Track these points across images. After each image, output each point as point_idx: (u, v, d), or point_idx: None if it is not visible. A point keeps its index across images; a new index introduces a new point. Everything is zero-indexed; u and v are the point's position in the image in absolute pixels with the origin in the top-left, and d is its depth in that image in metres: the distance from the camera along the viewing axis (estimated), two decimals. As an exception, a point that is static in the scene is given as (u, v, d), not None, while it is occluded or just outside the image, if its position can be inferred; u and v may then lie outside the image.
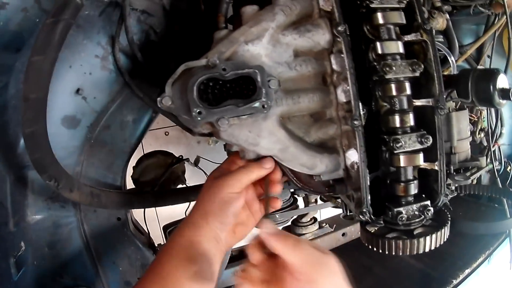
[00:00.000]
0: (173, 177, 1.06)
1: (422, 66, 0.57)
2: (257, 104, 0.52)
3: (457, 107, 0.77)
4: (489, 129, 1.01)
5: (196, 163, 1.16)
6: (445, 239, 0.62)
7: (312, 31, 0.58)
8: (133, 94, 0.80)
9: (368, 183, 0.57)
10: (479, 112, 1.00)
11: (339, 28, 0.55)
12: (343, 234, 1.44)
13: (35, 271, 0.82)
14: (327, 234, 1.40)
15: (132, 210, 0.99)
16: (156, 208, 1.28)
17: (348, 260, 1.12)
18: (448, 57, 0.80)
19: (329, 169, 0.61)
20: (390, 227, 0.62)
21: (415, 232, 0.61)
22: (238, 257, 1.23)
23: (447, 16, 0.80)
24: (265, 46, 0.57)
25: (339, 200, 0.88)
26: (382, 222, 0.62)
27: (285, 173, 0.66)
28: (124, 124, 0.85)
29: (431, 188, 0.63)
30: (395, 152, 0.57)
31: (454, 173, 0.76)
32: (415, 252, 0.59)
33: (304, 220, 1.31)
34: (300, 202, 1.24)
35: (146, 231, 1.03)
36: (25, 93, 0.58)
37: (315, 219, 1.32)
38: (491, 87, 0.65)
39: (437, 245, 0.61)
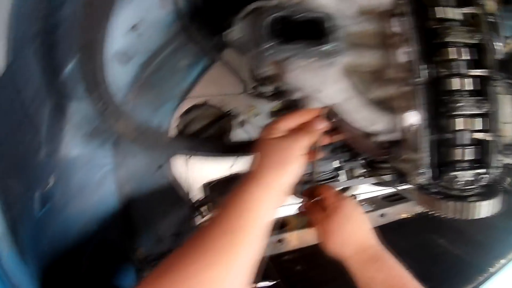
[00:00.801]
0: (221, 132, 1.02)
1: (480, 34, 0.57)
2: (326, 48, 0.53)
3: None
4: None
5: (242, 125, 1.13)
6: (498, 209, 0.61)
7: (377, -9, 0.58)
8: (190, 39, 0.76)
9: (428, 143, 0.57)
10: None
11: (404, -9, 0.55)
12: (382, 215, 1.41)
13: (60, 212, 0.75)
14: (367, 212, 1.38)
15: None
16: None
17: (385, 242, 1.11)
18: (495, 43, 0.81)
19: (386, 128, 0.61)
20: (444, 192, 0.61)
21: (469, 199, 0.61)
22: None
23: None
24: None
25: (383, 177, 0.90)
26: (438, 186, 0.61)
27: (342, 132, 0.68)
28: (177, 68, 0.80)
29: (482, 160, 0.61)
30: (454, 113, 0.57)
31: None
32: (469, 217, 0.59)
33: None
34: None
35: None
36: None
37: (355, 196, 1.30)
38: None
39: (491, 213, 0.61)
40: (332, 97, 0.58)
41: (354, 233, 0.68)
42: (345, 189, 1.23)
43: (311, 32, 0.55)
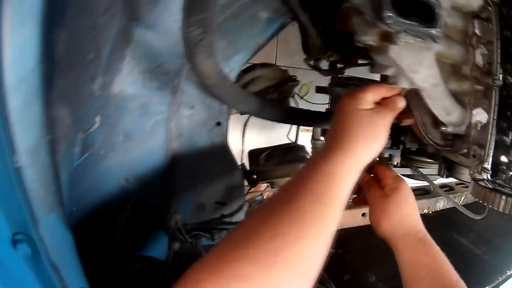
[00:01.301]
0: (282, 96, 0.92)
1: None
2: (434, 32, 0.53)
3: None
4: None
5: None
6: None
7: (469, -8, 0.60)
8: None
9: (494, 141, 0.59)
10: None
11: (494, -3, 0.58)
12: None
13: (99, 163, 0.63)
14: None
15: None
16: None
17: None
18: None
19: (458, 121, 0.63)
20: (498, 189, 0.64)
21: None
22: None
23: None
24: None
25: (420, 169, 0.92)
26: (494, 182, 0.63)
27: (412, 116, 0.67)
28: (256, 19, 0.70)
29: None
30: None
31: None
32: None
33: None
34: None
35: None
36: None
37: None
38: None
39: None
40: (424, 80, 0.58)
41: (409, 216, 0.69)
42: None
43: (420, 13, 0.54)
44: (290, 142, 1.04)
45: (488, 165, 0.61)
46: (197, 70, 0.55)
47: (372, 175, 0.73)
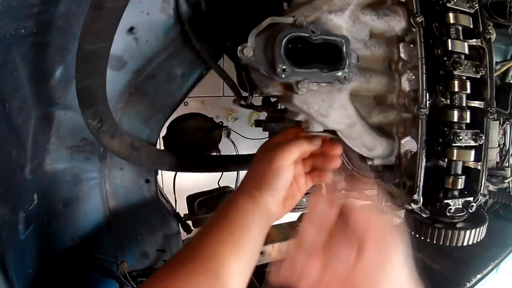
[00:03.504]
0: (211, 143, 0.99)
1: (483, 69, 0.60)
2: (339, 74, 0.52)
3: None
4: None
5: (228, 135, 1.10)
6: (482, 237, 0.65)
7: (390, 16, 0.59)
8: (186, 46, 0.74)
9: (423, 172, 0.58)
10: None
11: (417, 19, 0.57)
12: None
13: (45, 230, 0.72)
14: None
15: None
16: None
17: None
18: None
19: (384, 153, 0.62)
20: (434, 218, 0.64)
21: (457, 225, 0.64)
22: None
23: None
24: (346, 20, 0.57)
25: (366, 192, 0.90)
26: (428, 212, 0.63)
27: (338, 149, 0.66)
28: (171, 76, 0.76)
29: (471, 187, 0.65)
30: (452, 145, 0.59)
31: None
32: (457, 244, 0.62)
33: None
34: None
35: (173, 200, 0.95)
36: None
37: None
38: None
39: (477, 240, 0.64)
40: (337, 122, 0.58)
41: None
42: None
43: (325, 55, 0.54)
44: (222, 186, 1.10)
45: (418, 196, 0.59)
46: (109, 150, 0.63)
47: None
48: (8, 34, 0.53)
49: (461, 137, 0.58)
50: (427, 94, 0.57)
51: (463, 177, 0.61)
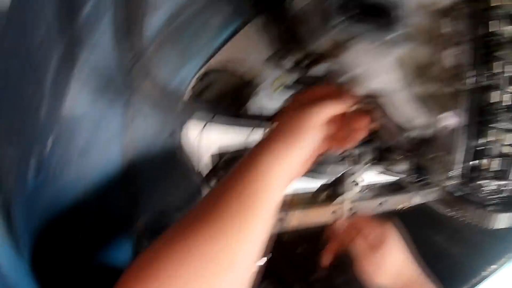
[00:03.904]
0: (240, 101, 0.91)
1: None
2: (392, 36, 0.51)
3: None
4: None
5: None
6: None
7: (440, -13, 0.55)
8: None
9: (465, 148, 0.57)
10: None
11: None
12: (380, 204, 1.37)
13: (57, 181, 0.62)
14: (365, 200, 1.33)
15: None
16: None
17: None
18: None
19: (422, 125, 0.61)
20: (467, 198, 0.62)
21: (489, 208, 0.62)
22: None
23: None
24: None
25: (392, 167, 0.90)
26: (462, 190, 0.61)
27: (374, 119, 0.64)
28: (208, 25, 0.68)
29: (504, 172, 0.61)
30: (492, 125, 0.56)
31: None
32: (488, 225, 0.61)
33: (348, 180, 1.12)
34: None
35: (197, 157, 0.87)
36: None
37: (357, 182, 1.28)
38: None
39: (506, 225, 0.62)
40: (382, 86, 0.56)
41: (403, 266, 0.67)
42: (349, 174, 1.22)
43: (378, 17, 0.52)
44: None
45: (455, 173, 0.57)
46: (139, 91, 0.56)
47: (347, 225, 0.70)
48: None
49: (500, 119, 0.56)
50: (471, 71, 0.54)
51: (499, 160, 0.59)
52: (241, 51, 0.83)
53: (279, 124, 0.53)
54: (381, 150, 0.98)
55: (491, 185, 0.60)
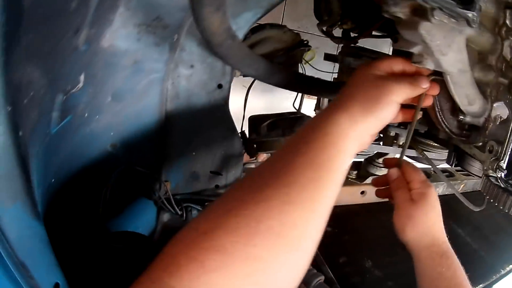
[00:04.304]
0: (292, 61, 0.82)
1: None
2: (470, 15, 0.49)
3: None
4: None
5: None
6: None
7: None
8: None
9: None
10: None
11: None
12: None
13: (82, 127, 0.54)
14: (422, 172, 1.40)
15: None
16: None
17: None
18: None
19: (478, 112, 0.61)
20: (509, 188, 0.64)
21: None
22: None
23: None
24: None
25: (425, 153, 0.90)
26: (506, 182, 0.63)
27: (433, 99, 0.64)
28: None
29: None
30: None
31: None
32: None
33: (380, 160, 1.20)
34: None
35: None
36: None
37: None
38: None
39: None
40: (451, 64, 0.54)
41: (434, 225, 0.67)
42: (381, 155, 1.17)
43: None
44: (295, 111, 0.96)
45: (504, 164, 0.59)
46: (201, 25, 0.46)
47: (400, 174, 0.69)
48: None
49: None
50: None
51: None
52: (299, 10, 0.74)
53: (353, 89, 0.50)
54: (417, 133, 0.96)
55: None
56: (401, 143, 1.00)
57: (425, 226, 0.65)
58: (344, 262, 1.02)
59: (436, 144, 0.96)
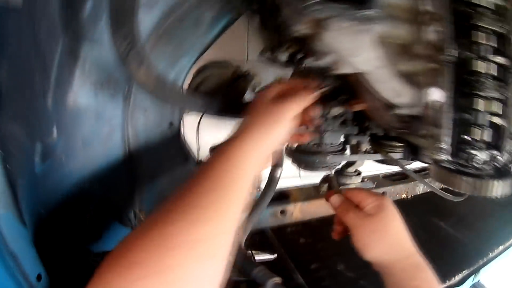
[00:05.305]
0: (236, 92, 0.95)
1: (507, 26, 0.58)
2: (368, 13, 0.53)
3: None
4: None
5: (253, 88, 1.04)
6: (509, 192, 0.62)
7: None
8: None
9: (451, 120, 0.59)
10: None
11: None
12: (383, 193, 1.45)
13: (61, 168, 0.68)
14: (369, 189, 1.39)
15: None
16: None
17: None
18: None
19: (411, 102, 0.63)
20: (459, 169, 0.63)
21: (484, 177, 0.62)
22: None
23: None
24: None
25: (390, 154, 0.91)
26: (456, 163, 0.62)
27: (364, 100, 0.70)
28: (200, 21, 0.75)
29: (496, 143, 0.62)
30: (479, 94, 0.58)
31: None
32: (485, 194, 0.61)
33: (349, 170, 1.23)
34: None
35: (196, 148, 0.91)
36: None
37: (359, 172, 1.26)
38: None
39: (503, 194, 0.62)
40: (365, 63, 0.59)
41: (400, 234, 0.65)
42: (349, 164, 1.23)
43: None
44: None
45: (445, 145, 0.59)
46: (134, 79, 0.60)
47: (345, 200, 0.70)
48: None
49: (487, 87, 0.58)
50: (452, 43, 0.57)
51: (490, 129, 0.60)
52: (235, 45, 0.88)
53: (253, 115, 0.58)
54: (378, 137, 0.99)
55: (483, 155, 0.60)
56: (364, 149, 1.04)
57: (391, 237, 0.63)
58: (317, 267, 1.06)
59: (399, 144, 0.96)
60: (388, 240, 0.62)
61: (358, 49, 0.56)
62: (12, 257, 0.50)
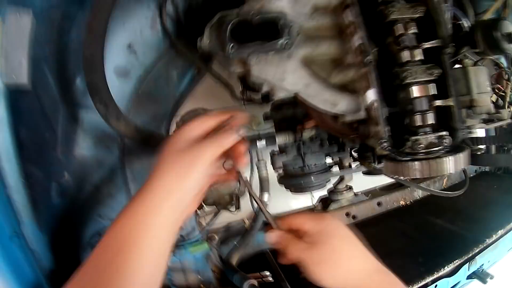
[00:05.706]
0: None
1: (424, 8, 0.62)
2: (280, 42, 0.60)
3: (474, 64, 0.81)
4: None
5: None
6: (466, 164, 0.65)
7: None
8: (178, 53, 0.88)
9: (385, 115, 0.62)
10: (507, 84, 0.96)
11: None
12: (379, 204, 1.45)
13: (75, 202, 0.87)
14: (363, 202, 1.41)
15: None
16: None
17: (383, 227, 1.12)
18: (464, 22, 0.82)
19: (351, 108, 0.66)
20: (412, 158, 0.65)
21: (433, 159, 0.64)
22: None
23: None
24: (287, 1, 0.64)
25: (371, 164, 0.94)
26: (403, 153, 0.65)
27: (313, 117, 0.75)
28: (169, 78, 0.89)
29: (447, 125, 0.66)
30: (406, 82, 0.62)
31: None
32: (439, 173, 0.62)
33: (339, 186, 1.24)
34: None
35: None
36: (88, 20, 0.67)
37: (350, 187, 1.26)
38: (497, 33, 0.68)
39: (458, 168, 0.63)
40: (294, 84, 0.64)
41: (355, 260, 0.56)
42: (341, 179, 1.23)
43: (270, 31, 0.61)
44: None
45: (385, 139, 0.61)
46: (117, 131, 0.77)
47: (282, 233, 0.61)
48: (37, 55, 0.75)
49: (413, 72, 0.61)
50: (372, 43, 0.61)
51: (431, 112, 0.63)
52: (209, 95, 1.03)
53: (166, 159, 0.52)
54: (356, 150, 1.00)
55: (429, 138, 0.63)
56: (347, 164, 1.07)
57: (345, 262, 0.55)
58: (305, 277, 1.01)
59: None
60: (342, 266, 0.54)
61: (283, 74, 0.62)
62: (32, 252, 0.73)
